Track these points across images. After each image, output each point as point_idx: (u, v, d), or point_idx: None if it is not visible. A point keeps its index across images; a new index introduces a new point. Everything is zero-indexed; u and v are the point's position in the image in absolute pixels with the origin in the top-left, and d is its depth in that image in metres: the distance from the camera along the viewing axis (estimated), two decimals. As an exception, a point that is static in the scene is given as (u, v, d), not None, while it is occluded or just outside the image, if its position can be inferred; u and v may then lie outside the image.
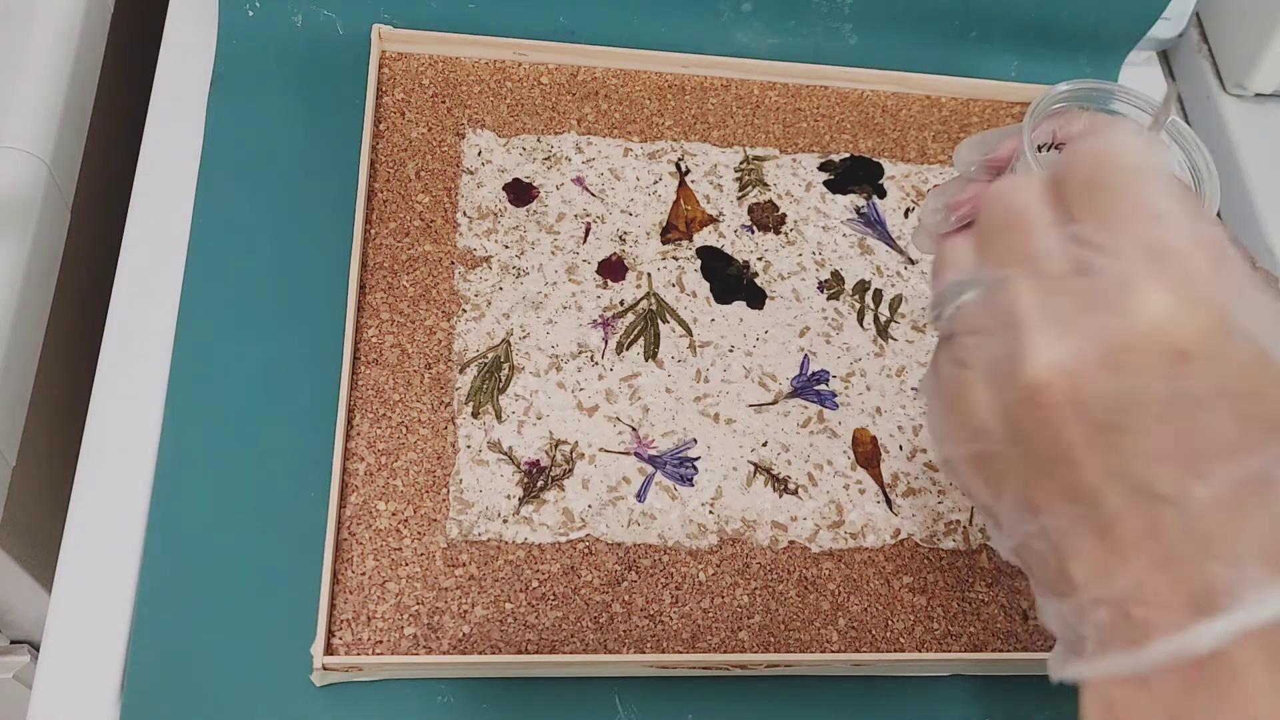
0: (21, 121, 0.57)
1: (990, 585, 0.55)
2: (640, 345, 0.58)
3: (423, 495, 0.53)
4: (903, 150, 0.68)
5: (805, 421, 0.58)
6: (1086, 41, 0.73)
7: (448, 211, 0.61)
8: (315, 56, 0.64)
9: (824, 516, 0.56)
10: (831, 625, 0.53)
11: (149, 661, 0.48)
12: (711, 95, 0.68)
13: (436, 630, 0.50)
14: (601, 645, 0.51)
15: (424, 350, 0.56)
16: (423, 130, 0.63)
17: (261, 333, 0.56)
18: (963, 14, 0.71)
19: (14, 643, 0.62)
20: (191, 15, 0.65)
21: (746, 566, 0.54)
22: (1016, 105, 0.72)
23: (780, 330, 0.60)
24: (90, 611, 0.49)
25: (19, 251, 0.54)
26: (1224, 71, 0.77)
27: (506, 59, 0.66)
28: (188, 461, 0.52)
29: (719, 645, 0.52)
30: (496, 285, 0.59)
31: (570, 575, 0.52)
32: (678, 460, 0.56)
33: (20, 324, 0.54)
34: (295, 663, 0.49)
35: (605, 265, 0.61)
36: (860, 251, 0.64)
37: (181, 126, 0.61)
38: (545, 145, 0.64)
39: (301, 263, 0.58)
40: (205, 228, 0.58)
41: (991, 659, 0.53)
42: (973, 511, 0.57)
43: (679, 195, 0.64)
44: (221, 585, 0.50)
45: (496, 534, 0.52)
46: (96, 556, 0.50)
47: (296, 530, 0.51)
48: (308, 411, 0.54)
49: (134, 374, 0.55)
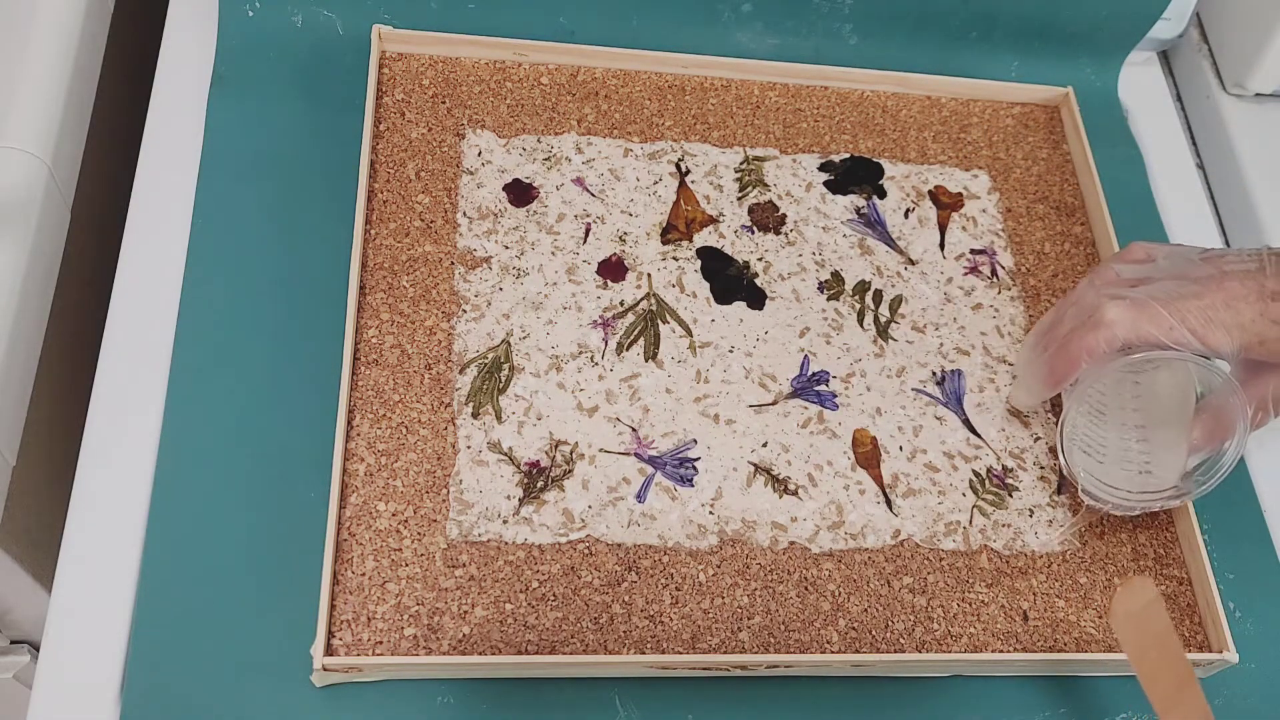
0: (21, 121, 0.56)
1: (990, 585, 0.55)
2: (640, 346, 0.58)
3: (423, 496, 0.53)
4: (903, 151, 0.68)
5: (805, 422, 0.58)
6: (1086, 41, 0.73)
7: (448, 212, 0.61)
8: (315, 56, 0.64)
9: (824, 517, 0.56)
10: (831, 626, 0.53)
11: (149, 661, 0.48)
12: (711, 96, 0.68)
13: (436, 631, 0.50)
14: (601, 646, 0.51)
15: (424, 351, 0.56)
16: (423, 130, 0.63)
17: (261, 333, 0.56)
18: (963, 14, 0.71)
19: (14, 643, 0.62)
20: (191, 15, 0.65)
21: (746, 567, 0.54)
22: (1016, 105, 0.72)
23: (780, 331, 0.60)
24: (90, 611, 0.49)
25: (19, 251, 0.54)
26: (1224, 71, 0.77)
27: (506, 59, 0.66)
28: (188, 461, 0.52)
29: (719, 646, 0.52)
30: (496, 286, 0.59)
31: (570, 576, 0.52)
32: (678, 461, 0.56)
33: (20, 324, 0.54)
34: (295, 663, 0.49)
35: (605, 266, 0.61)
36: (860, 252, 0.64)
37: (181, 126, 0.61)
38: (545, 146, 0.64)
39: (301, 263, 0.58)
40: (205, 228, 0.58)
41: (991, 659, 0.53)
42: (973, 512, 0.57)
43: (679, 196, 0.64)
44: (221, 585, 0.50)
45: (496, 534, 0.52)
46: (96, 556, 0.50)
47: (296, 530, 0.51)
48: (308, 412, 0.54)
49: (134, 374, 0.55)
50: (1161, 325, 0.49)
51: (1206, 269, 0.51)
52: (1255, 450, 0.63)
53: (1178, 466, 0.54)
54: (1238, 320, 0.49)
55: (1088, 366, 0.52)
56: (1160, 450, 0.55)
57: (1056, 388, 0.54)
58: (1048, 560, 0.57)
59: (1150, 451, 0.55)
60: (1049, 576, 0.56)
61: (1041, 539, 0.57)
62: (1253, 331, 0.49)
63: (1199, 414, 0.53)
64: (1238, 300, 0.49)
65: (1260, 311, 0.49)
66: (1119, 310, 0.50)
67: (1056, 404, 0.60)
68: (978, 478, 0.58)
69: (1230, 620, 0.56)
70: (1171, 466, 0.54)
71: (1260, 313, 0.49)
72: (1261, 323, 0.49)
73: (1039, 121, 0.72)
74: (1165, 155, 0.74)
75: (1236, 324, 0.49)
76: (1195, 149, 0.77)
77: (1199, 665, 0.55)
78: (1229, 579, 0.59)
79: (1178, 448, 0.54)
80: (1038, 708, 0.54)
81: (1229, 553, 0.59)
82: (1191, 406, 0.54)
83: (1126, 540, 0.58)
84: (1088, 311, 0.52)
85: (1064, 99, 0.72)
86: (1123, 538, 0.58)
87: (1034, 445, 0.60)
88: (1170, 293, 0.50)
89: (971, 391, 0.61)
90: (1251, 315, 0.49)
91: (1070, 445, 0.55)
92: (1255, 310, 0.49)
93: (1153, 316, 0.50)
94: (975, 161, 0.69)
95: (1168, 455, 0.54)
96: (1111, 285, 0.53)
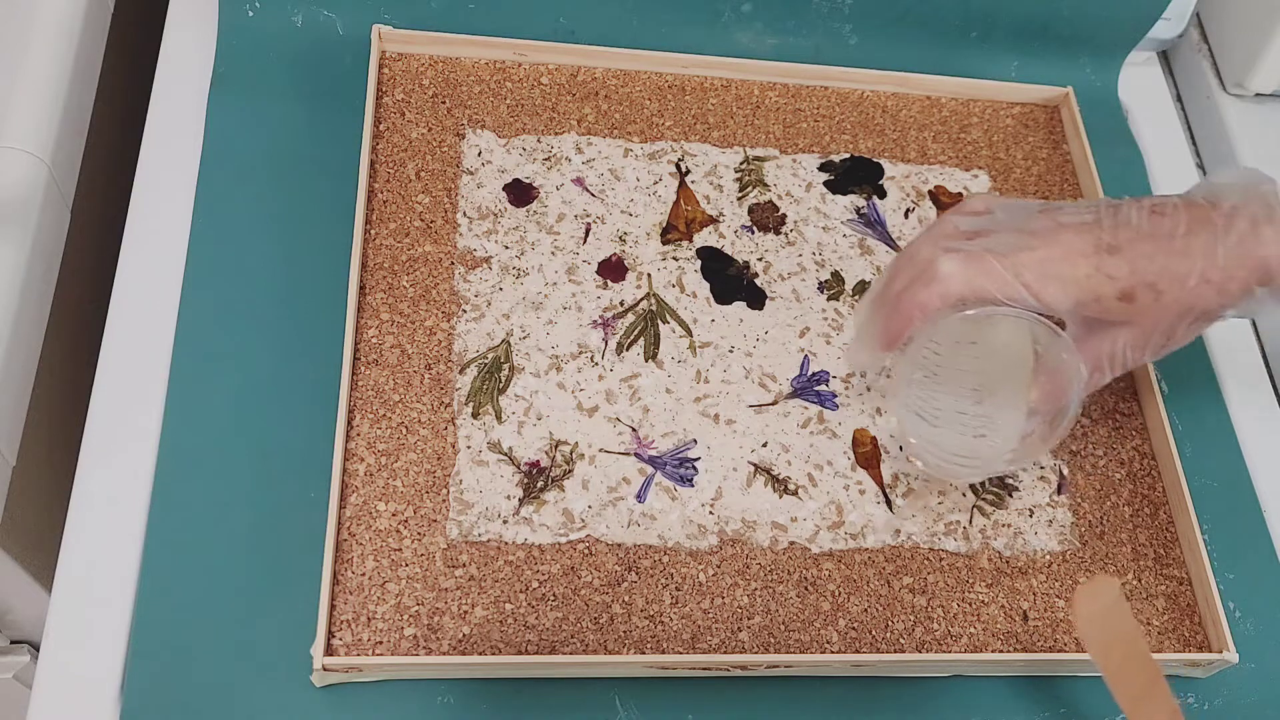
0: (21, 121, 0.56)
1: (990, 585, 0.55)
2: (640, 346, 0.58)
3: (423, 496, 0.53)
4: (903, 151, 0.68)
5: (805, 422, 0.58)
6: (1086, 41, 0.73)
7: (448, 212, 0.61)
8: (315, 56, 0.64)
9: (824, 517, 0.56)
10: (831, 626, 0.53)
11: (149, 661, 0.48)
12: (711, 96, 0.68)
13: (436, 631, 0.50)
14: (601, 646, 0.51)
15: (424, 351, 0.56)
16: (423, 130, 0.63)
17: (261, 333, 0.56)
18: (963, 14, 0.71)
19: (14, 643, 0.62)
20: (191, 15, 0.65)
21: (746, 567, 0.54)
22: (1016, 105, 0.72)
23: (780, 331, 0.60)
24: (90, 611, 0.49)
25: (19, 251, 0.54)
26: (1224, 71, 0.77)
27: (506, 59, 0.66)
28: (188, 461, 0.52)
29: (719, 646, 0.52)
30: (496, 286, 0.59)
31: (570, 576, 0.52)
32: (678, 461, 0.56)
33: (20, 324, 0.54)
34: (295, 663, 0.49)
35: (605, 266, 0.61)
36: (860, 252, 0.64)
37: (181, 126, 0.61)
38: (545, 145, 0.64)
39: (301, 263, 0.58)
40: (205, 228, 0.58)
41: (991, 660, 0.53)
42: (973, 512, 0.57)
43: (679, 196, 0.64)
44: (221, 585, 0.50)
45: (496, 534, 0.52)
46: (96, 556, 0.50)
47: (296, 530, 0.51)
48: (308, 411, 0.54)
49: (134, 374, 0.55)
50: (996, 279, 0.46)
51: (1044, 221, 0.48)
52: (1255, 450, 0.63)
53: (1016, 429, 0.51)
54: (1073, 275, 0.46)
55: (921, 324, 0.48)
56: (998, 413, 0.51)
57: (891, 346, 0.50)
58: (1048, 560, 0.57)
59: (987, 414, 0.52)
60: (1049, 576, 0.56)
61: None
62: (1087, 287, 0.47)
63: (1037, 374, 0.50)
64: (1074, 254, 0.46)
65: (1095, 266, 0.46)
66: (952, 264, 0.47)
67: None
68: (978, 478, 0.58)
69: (1230, 620, 0.56)
70: (1009, 430, 0.51)
71: (1096, 267, 0.46)
72: (1097, 278, 0.46)
73: (1039, 121, 0.72)
74: (1165, 155, 0.74)
75: (1072, 279, 0.46)
76: (1195, 149, 0.77)
77: (1199, 665, 0.55)
78: (1229, 579, 0.59)
79: (1016, 410, 0.51)
80: (1038, 708, 0.54)
81: (1229, 553, 0.59)
82: (1030, 366, 0.50)
83: (1126, 540, 0.58)
84: (921, 266, 0.48)
85: (1064, 99, 0.72)
86: (1123, 538, 0.58)
87: (1034, 445, 0.60)
88: (1007, 245, 0.47)
89: (971, 391, 0.61)
90: (1087, 270, 0.46)
91: (903, 409, 0.51)
92: (1090, 265, 0.46)
93: (987, 270, 0.47)
94: (975, 161, 0.69)
95: (1005, 418, 0.51)
96: (947, 238, 0.49)
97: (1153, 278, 0.46)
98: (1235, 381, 0.66)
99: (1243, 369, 0.67)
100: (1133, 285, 0.47)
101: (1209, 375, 0.65)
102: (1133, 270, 0.46)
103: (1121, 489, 0.59)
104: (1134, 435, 0.61)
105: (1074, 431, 0.60)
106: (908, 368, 0.50)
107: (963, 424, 0.52)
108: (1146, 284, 0.46)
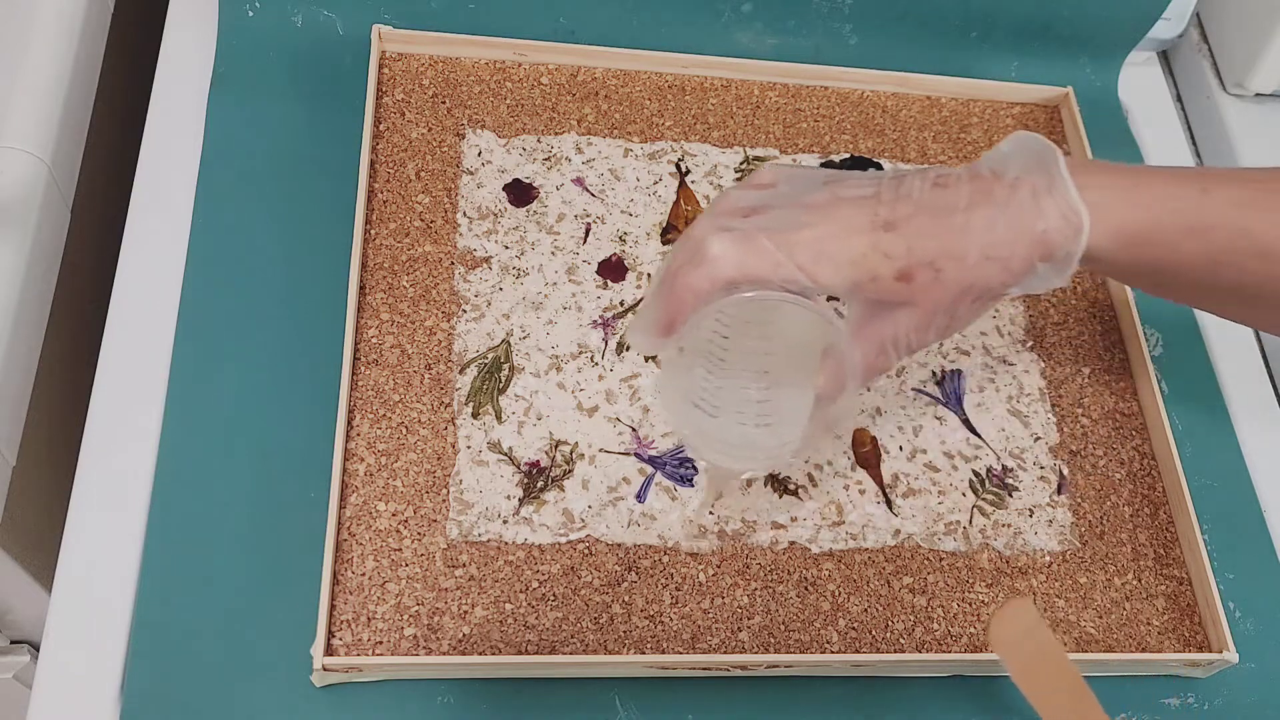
0: (21, 121, 0.56)
1: (990, 585, 0.55)
2: (640, 345, 0.59)
3: (423, 496, 0.53)
4: (903, 150, 0.68)
5: (805, 422, 0.58)
6: (1086, 41, 0.73)
7: (448, 212, 0.61)
8: (315, 56, 0.64)
9: (824, 517, 0.56)
10: (831, 626, 0.53)
11: (149, 661, 0.48)
12: (711, 96, 0.68)
13: (436, 631, 0.50)
14: (601, 646, 0.51)
15: (424, 351, 0.56)
16: (423, 130, 0.63)
17: (261, 333, 0.56)
18: (963, 14, 0.71)
19: (14, 643, 0.62)
20: (191, 15, 0.65)
21: (746, 567, 0.54)
22: (1016, 105, 0.72)
23: (780, 331, 0.60)
24: (90, 611, 0.49)
25: (19, 251, 0.54)
26: (1224, 71, 0.77)
27: (506, 59, 0.66)
28: (188, 461, 0.52)
29: (719, 646, 0.52)
30: (496, 286, 0.59)
31: (570, 576, 0.52)
32: (677, 461, 0.56)
33: (20, 324, 0.54)
34: (295, 663, 0.49)
35: (605, 265, 0.61)
36: (860, 252, 0.64)
37: (181, 126, 0.61)
38: (545, 146, 0.64)
39: (301, 263, 0.58)
40: (205, 228, 0.58)
41: (991, 659, 0.53)
42: (973, 512, 0.57)
43: (679, 196, 0.64)
44: (221, 585, 0.50)
45: (496, 534, 0.52)
46: (96, 556, 0.50)
47: (296, 530, 0.51)
48: (308, 411, 0.54)
49: (134, 374, 0.55)
50: (767, 260, 0.42)
51: (823, 195, 0.44)
52: (1255, 450, 0.63)
53: (803, 417, 0.47)
54: (848, 254, 0.42)
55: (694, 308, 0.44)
56: (784, 402, 0.47)
57: (668, 332, 0.45)
58: (1048, 560, 0.57)
59: (772, 403, 0.47)
60: (1049, 576, 0.56)
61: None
62: (864, 267, 0.42)
63: (824, 360, 0.46)
64: (850, 231, 0.43)
65: (872, 244, 0.42)
66: (723, 244, 0.43)
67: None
68: (977, 478, 0.58)
69: (1230, 620, 0.56)
70: (796, 419, 0.47)
71: (872, 245, 0.42)
72: (874, 256, 0.42)
73: (1039, 121, 0.72)
74: (1165, 155, 0.74)
75: (847, 259, 0.42)
76: (1195, 149, 0.77)
77: (1199, 665, 0.55)
78: (1229, 579, 0.59)
79: (803, 398, 0.46)
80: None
81: (1229, 553, 0.59)
82: (818, 352, 0.46)
83: (1126, 540, 0.58)
84: (695, 247, 0.44)
85: (1064, 99, 0.72)
86: (1123, 538, 0.58)
87: (1034, 445, 0.60)
88: (783, 223, 0.43)
89: (971, 391, 0.61)
90: (863, 248, 0.42)
91: (677, 399, 0.47)
92: (867, 242, 0.42)
93: (759, 250, 0.42)
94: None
95: (791, 407, 0.47)
96: (724, 216, 0.45)
97: (931, 255, 0.43)
98: (1235, 381, 0.66)
99: (1243, 369, 0.67)
100: (910, 264, 0.43)
101: (1209, 375, 0.66)
102: (910, 248, 0.43)
103: (1121, 489, 0.59)
104: (1134, 435, 0.61)
105: (1074, 431, 0.60)
106: (677, 354, 0.46)
107: (745, 413, 0.47)
108: (925, 263, 0.43)
